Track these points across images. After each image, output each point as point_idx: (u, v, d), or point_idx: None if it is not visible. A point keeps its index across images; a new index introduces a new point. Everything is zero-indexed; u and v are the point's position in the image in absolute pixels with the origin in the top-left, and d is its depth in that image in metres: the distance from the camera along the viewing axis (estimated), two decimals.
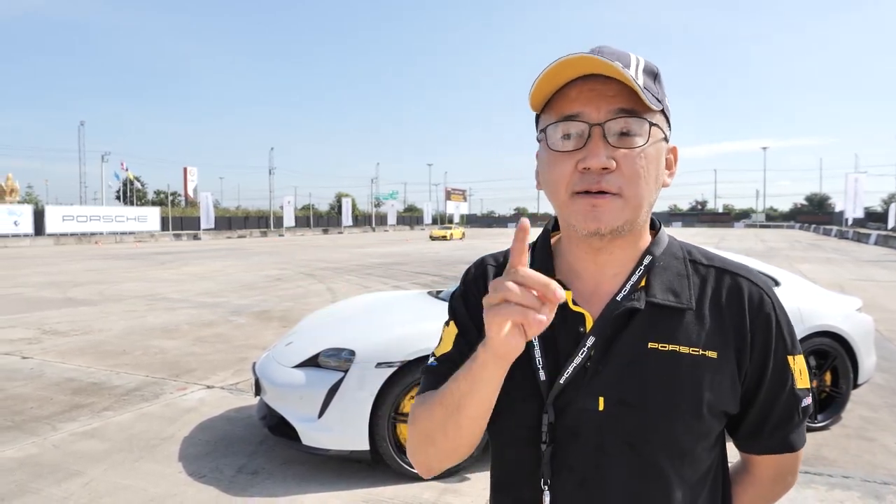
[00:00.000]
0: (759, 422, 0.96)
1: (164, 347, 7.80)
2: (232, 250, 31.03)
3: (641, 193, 0.88)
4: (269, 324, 9.47)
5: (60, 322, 9.65)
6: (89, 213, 47.64)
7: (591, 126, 0.86)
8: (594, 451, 0.89)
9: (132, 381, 6.19)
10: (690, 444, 0.89)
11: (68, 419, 5.07)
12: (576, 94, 0.88)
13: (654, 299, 0.91)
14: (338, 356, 3.94)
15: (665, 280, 0.93)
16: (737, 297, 0.93)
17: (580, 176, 0.87)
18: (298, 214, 74.64)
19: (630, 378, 0.88)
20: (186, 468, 4.08)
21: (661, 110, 0.90)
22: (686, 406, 0.88)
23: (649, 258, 0.94)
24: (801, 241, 38.22)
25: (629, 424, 0.88)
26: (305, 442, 3.84)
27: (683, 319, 0.91)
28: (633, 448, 0.88)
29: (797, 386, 0.95)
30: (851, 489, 3.76)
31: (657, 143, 0.90)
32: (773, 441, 0.97)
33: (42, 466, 4.12)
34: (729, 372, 0.90)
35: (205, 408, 5.33)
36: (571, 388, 0.89)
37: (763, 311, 0.93)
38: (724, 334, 0.91)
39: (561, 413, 0.90)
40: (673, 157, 0.97)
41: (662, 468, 0.88)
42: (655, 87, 0.90)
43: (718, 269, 0.96)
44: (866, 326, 5.07)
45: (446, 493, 3.72)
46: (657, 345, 0.89)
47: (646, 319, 0.90)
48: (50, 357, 7.28)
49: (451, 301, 1.07)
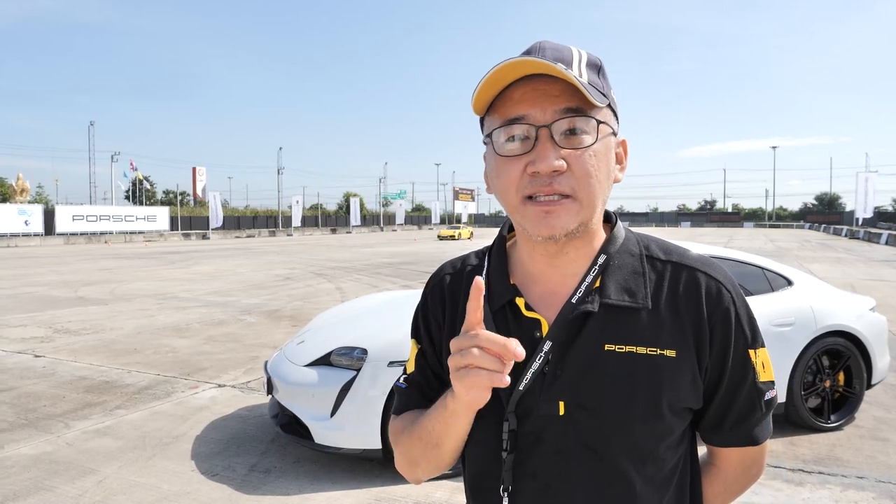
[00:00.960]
0: (720, 415, 0.95)
1: (175, 346, 7.84)
2: (241, 250, 31.14)
3: (594, 193, 0.86)
4: (280, 323, 9.50)
5: (72, 321, 9.71)
6: (99, 212, 47.95)
7: (537, 128, 0.84)
8: (557, 456, 0.89)
9: (144, 380, 6.22)
10: (652, 444, 0.88)
11: (81, 417, 5.10)
12: (519, 95, 0.85)
13: (608, 300, 0.89)
14: (350, 355, 3.95)
15: (619, 279, 0.91)
16: (694, 293, 0.91)
17: (530, 179, 0.85)
18: (307, 214, 74.88)
19: (588, 381, 0.88)
20: (199, 466, 4.10)
21: (607, 105, 0.88)
22: (645, 407, 0.87)
23: (604, 257, 0.92)
24: (811, 241, 37.99)
25: (589, 428, 0.87)
26: (318, 440, 3.85)
27: (640, 319, 0.89)
28: (595, 452, 0.88)
29: (759, 379, 0.94)
30: (866, 490, 3.74)
31: (605, 138, 0.87)
32: (735, 434, 0.96)
33: (56, 464, 4.15)
34: (689, 369, 0.89)
35: (216, 406, 5.35)
36: (531, 394, 0.89)
37: (721, 306, 0.91)
38: (682, 331, 0.89)
39: (522, 419, 0.89)
40: (623, 150, 0.94)
41: (625, 470, 0.88)
42: (600, 80, 0.88)
43: (676, 263, 0.94)
44: (880, 326, 5.04)
45: (457, 493, 3.72)
46: (614, 347, 0.88)
47: (601, 321, 0.89)
48: (62, 355, 7.33)
49: (414, 315, 1.07)
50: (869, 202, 47.35)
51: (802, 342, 4.60)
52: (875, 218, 54.14)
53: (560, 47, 0.88)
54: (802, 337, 4.59)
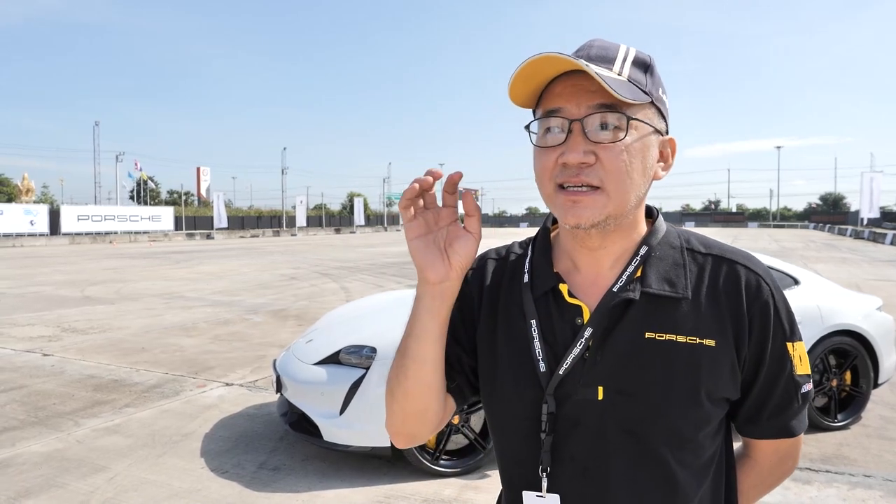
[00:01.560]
0: (757, 407, 0.97)
1: (182, 345, 7.88)
2: (245, 250, 31.21)
3: (625, 187, 0.88)
4: (286, 322, 9.53)
5: (79, 320, 9.76)
6: (104, 212, 48.05)
7: (570, 121, 0.87)
8: (595, 439, 0.90)
9: (152, 379, 6.26)
10: (690, 431, 0.90)
11: (91, 415, 5.14)
12: (560, 89, 0.89)
13: (649, 289, 0.92)
14: (359, 353, 3.97)
15: (661, 270, 0.94)
16: (734, 285, 0.93)
17: (561, 169, 0.89)
18: (310, 214, 74.92)
19: (628, 368, 0.90)
20: (209, 464, 4.12)
21: (650, 102, 0.90)
22: (684, 394, 0.89)
23: (645, 248, 0.95)
24: (816, 241, 37.89)
25: (628, 413, 0.89)
26: (327, 438, 3.88)
27: (680, 309, 0.91)
28: (633, 436, 0.89)
29: (797, 372, 0.96)
30: (873, 488, 3.75)
31: (644, 136, 0.89)
32: (772, 426, 0.98)
33: (67, 461, 4.19)
34: (728, 359, 0.91)
35: (224, 405, 5.39)
36: (570, 378, 0.91)
37: (761, 298, 0.93)
38: (721, 322, 0.91)
39: (561, 403, 0.92)
40: (670, 149, 0.96)
41: (663, 455, 0.89)
42: (645, 78, 0.90)
43: (716, 256, 0.96)
44: (887, 325, 5.04)
45: (467, 490, 3.74)
46: (654, 334, 0.90)
47: (642, 310, 0.91)
48: (70, 354, 7.38)
49: None
50: (874, 202, 47.16)
51: (809, 341, 4.61)
52: (880, 218, 53.92)
53: (608, 45, 0.91)
54: (809, 336, 4.60)
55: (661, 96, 0.93)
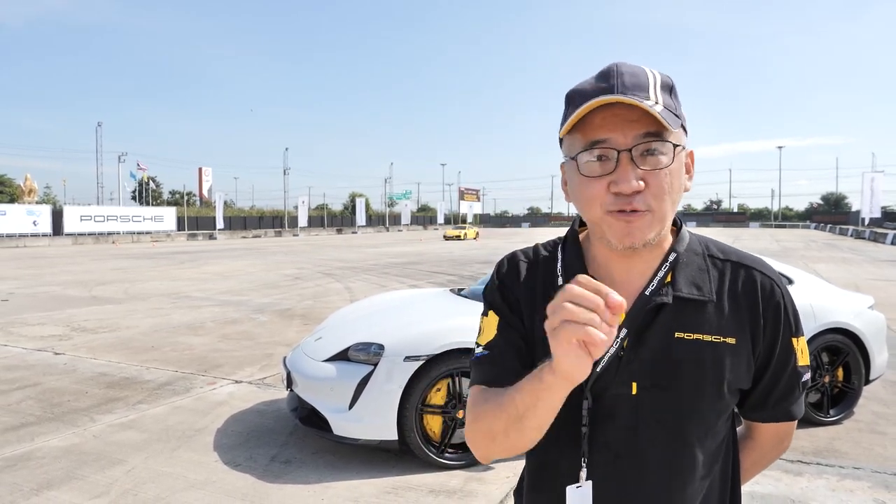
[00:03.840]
0: (765, 395, 1.09)
1: (191, 344, 8.04)
2: (248, 250, 31.37)
3: (667, 206, 0.97)
4: (292, 321, 9.69)
5: (88, 319, 9.92)
6: (106, 213, 48.27)
7: (619, 152, 0.94)
8: (628, 429, 1.02)
9: (163, 376, 6.41)
10: (714, 419, 1.03)
11: (105, 411, 5.29)
12: (600, 120, 0.94)
13: (680, 293, 1.02)
14: (367, 350, 4.12)
15: (688, 275, 1.04)
16: (752, 289, 1.04)
17: (613, 198, 0.95)
18: (312, 214, 75.08)
19: (661, 365, 1.00)
20: (222, 457, 4.28)
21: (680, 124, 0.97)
22: (710, 387, 1.01)
23: (674, 255, 1.05)
24: (817, 241, 37.97)
25: (660, 406, 1.01)
26: (336, 432, 4.03)
27: (706, 310, 1.02)
28: (663, 425, 1.01)
29: (799, 363, 1.09)
30: (862, 479, 3.89)
31: (678, 158, 0.98)
32: (776, 411, 1.11)
33: (86, 454, 4.34)
34: (745, 354, 1.03)
35: (235, 401, 5.54)
36: (606, 375, 1.01)
37: (773, 300, 1.05)
38: (740, 321, 1.03)
39: (598, 398, 1.02)
40: (690, 160, 1.05)
41: (688, 440, 1.02)
42: (672, 101, 0.97)
43: (734, 262, 1.07)
44: (878, 323, 5.18)
45: (471, 481, 3.89)
46: (683, 334, 1.01)
47: (672, 312, 1.01)
48: (81, 353, 7.53)
49: (486, 294, 1.14)
50: (875, 202, 47.25)
51: None
52: (882, 218, 54.00)
53: (636, 71, 0.96)
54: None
55: (683, 114, 1.00)
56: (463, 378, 4.10)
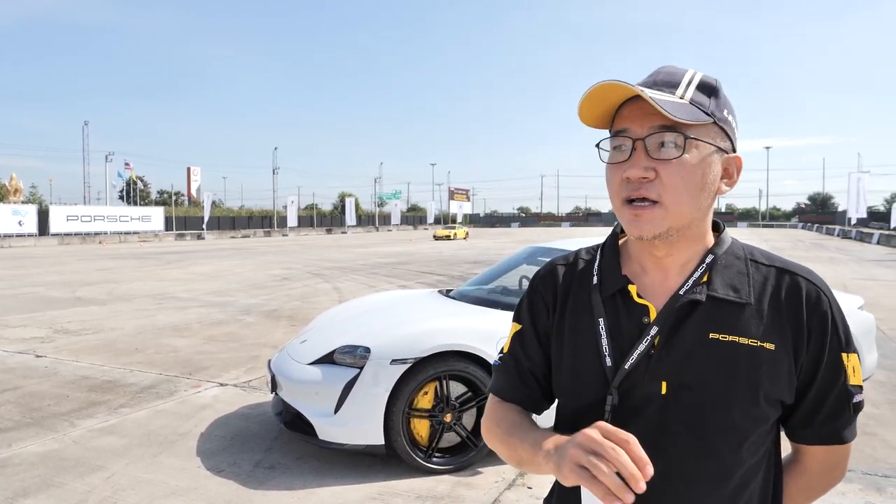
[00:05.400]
0: (811, 412, 1.02)
1: (175, 346, 7.92)
2: (237, 250, 31.17)
3: (681, 201, 0.96)
4: (279, 323, 9.58)
5: (71, 321, 9.77)
6: (93, 212, 47.86)
7: (634, 140, 0.97)
8: (655, 430, 0.97)
9: (146, 379, 6.30)
10: (747, 427, 0.97)
11: (86, 416, 5.18)
12: (627, 112, 0.99)
13: (715, 293, 0.99)
14: (353, 353, 4.05)
15: (726, 277, 1.01)
16: (795, 295, 0.99)
17: (625, 183, 0.98)
18: (302, 214, 74.82)
19: (692, 365, 0.97)
20: (205, 463, 4.19)
21: (712, 122, 0.98)
22: (744, 392, 0.95)
23: (711, 257, 1.03)
24: (804, 241, 38.24)
25: (690, 407, 0.96)
26: (321, 437, 3.95)
27: (743, 313, 0.98)
28: (692, 429, 0.96)
29: (850, 382, 1.01)
30: (853, 482, 3.86)
31: (705, 155, 0.97)
32: (823, 432, 1.03)
33: (64, 461, 4.24)
34: (786, 363, 0.97)
35: (219, 405, 5.44)
36: (635, 373, 0.99)
37: (820, 309, 0.99)
38: (782, 328, 0.98)
39: (626, 396, 0.99)
40: (735, 166, 1.03)
41: (718, 449, 0.96)
42: (709, 101, 0.98)
43: (779, 268, 1.03)
44: (867, 324, 5.17)
45: (459, 486, 3.83)
46: (718, 335, 0.97)
47: (707, 312, 0.99)
48: (63, 355, 7.40)
49: (520, 301, 1.20)
50: (861, 202, 47.60)
51: None
52: (868, 218, 54.46)
53: (674, 71, 1.02)
54: None
55: (725, 117, 1.01)
56: (451, 381, 4.03)
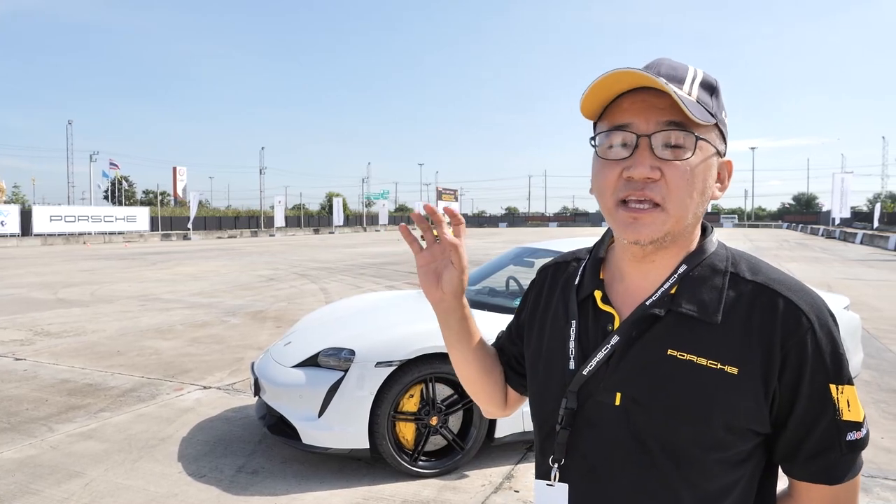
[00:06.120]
0: (794, 446, 0.93)
1: (158, 348, 7.80)
2: (223, 250, 30.92)
3: (685, 206, 0.90)
4: (264, 324, 9.48)
5: (52, 323, 9.61)
6: (77, 213, 47.25)
7: (638, 136, 0.89)
8: (607, 443, 0.94)
9: (128, 382, 6.19)
10: (699, 453, 0.90)
11: (65, 420, 5.08)
12: (628, 104, 0.90)
13: (678, 308, 0.93)
14: (337, 356, 3.98)
15: (696, 291, 0.94)
16: (770, 316, 0.90)
17: (625, 183, 0.91)
18: (289, 214, 74.42)
19: (644, 379, 0.92)
20: (186, 468, 4.10)
21: (714, 124, 0.92)
22: (693, 414, 0.89)
23: (684, 267, 0.96)
24: (789, 241, 38.53)
25: (640, 423, 0.92)
26: (305, 441, 3.88)
27: (706, 332, 0.91)
28: (644, 447, 0.92)
29: (842, 417, 0.90)
30: None
31: (707, 157, 0.92)
32: (808, 469, 0.93)
33: (41, 467, 4.14)
34: (752, 389, 0.88)
35: (202, 408, 5.35)
36: (593, 381, 0.96)
37: (798, 334, 0.89)
38: (749, 352, 0.89)
39: (583, 403, 0.97)
40: (727, 171, 0.98)
41: (667, 471, 0.91)
42: (711, 101, 0.93)
43: (760, 285, 0.93)
44: (853, 324, 5.17)
45: (445, 490, 3.77)
46: (676, 352, 0.91)
47: (669, 327, 0.93)
48: (43, 358, 7.27)
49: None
50: (845, 202, 48.05)
51: None
52: (851, 218, 55.00)
53: (677, 66, 0.94)
54: None
55: (723, 119, 0.95)
56: (437, 383, 3.97)
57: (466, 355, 1.17)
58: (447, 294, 1.09)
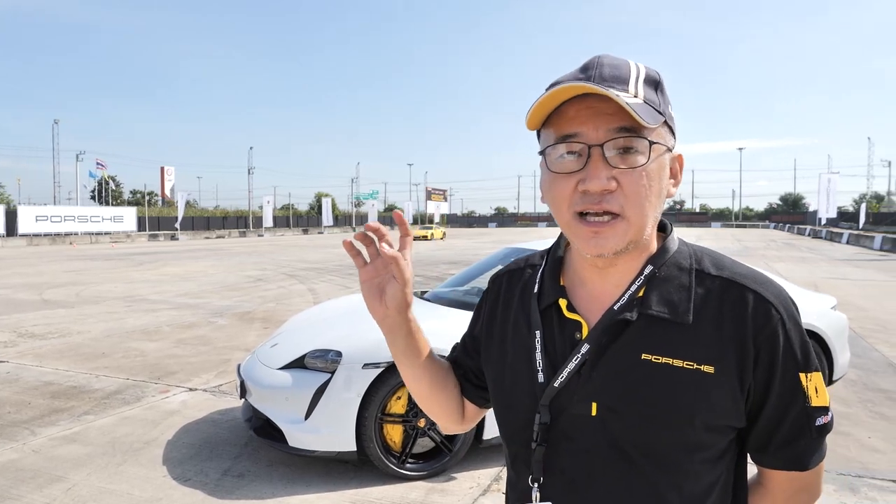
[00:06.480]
0: (766, 436, 0.93)
1: (144, 350, 7.72)
2: (211, 251, 30.73)
3: (645, 212, 0.87)
4: (252, 325, 9.41)
5: (37, 324, 9.50)
6: (64, 213, 46.87)
7: (590, 147, 0.85)
8: (586, 455, 0.91)
9: (112, 385, 6.12)
10: (681, 455, 0.88)
11: (48, 423, 5.00)
12: (574, 112, 0.86)
13: (648, 311, 0.90)
14: (324, 357, 3.94)
15: (663, 292, 0.92)
16: (740, 311, 0.89)
17: (581, 196, 0.86)
18: (278, 214, 74.17)
19: (620, 386, 0.89)
20: (171, 472, 4.05)
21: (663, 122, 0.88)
22: (675, 418, 0.87)
23: (650, 269, 0.93)
24: (777, 241, 38.82)
25: (618, 431, 0.89)
26: (292, 443, 3.84)
27: (679, 332, 0.89)
28: (624, 455, 0.89)
29: (811, 404, 0.91)
30: (827, 482, 3.85)
31: (659, 157, 0.88)
32: (781, 456, 0.93)
33: (23, 472, 4.07)
34: (728, 387, 0.87)
35: (188, 410, 5.30)
36: (566, 392, 0.92)
37: (769, 326, 0.88)
38: (723, 349, 0.88)
39: (557, 416, 0.92)
40: (678, 165, 0.95)
41: (651, 477, 0.88)
42: (657, 97, 0.88)
43: (726, 280, 0.91)
44: (841, 324, 5.19)
45: (432, 493, 3.75)
46: (651, 356, 0.89)
47: (640, 331, 0.90)
48: (26, 360, 7.17)
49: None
50: (831, 202, 48.45)
51: None
52: (837, 218, 55.49)
53: (618, 63, 0.89)
54: None
55: (670, 113, 0.91)
56: None
57: (416, 371, 1.11)
58: (391, 310, 1.01)
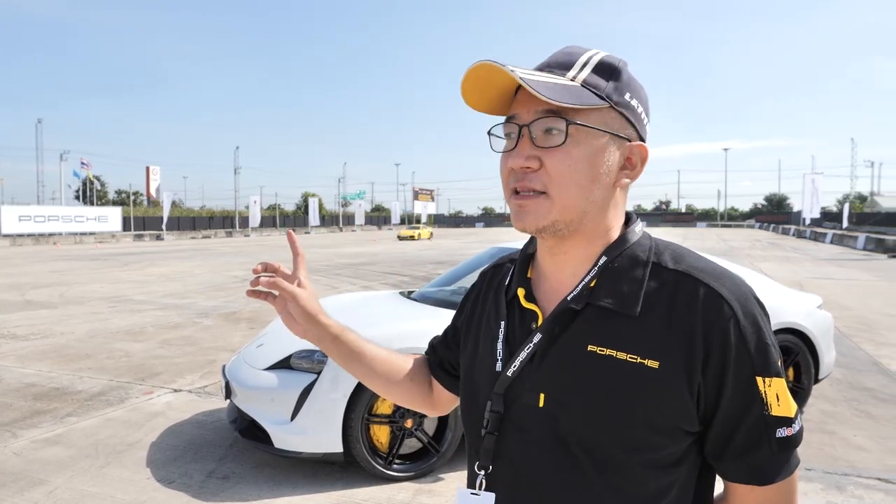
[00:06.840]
0: (721, 444, 0.87)
1: (128, 350, 7.63)
2: (197, 251, 30.50)
3: (568, 192, 0.87)
4: (237, 325, 9.34)
5: (19, 325, 9.36)
6: (47, 213, 46.41)
7: (520, 127, 0.89)
8: (533, 445, 0.90)
9: (96, 386, 6.04)
10: (624, 456, 0.85)
11: (30, 426, 4.93)
12: (519, 96, 0.91)
13: (596, 302, 0.89)
14: (310, 358, 3.91)
15: (615, 283, 0.90)
16: (691, 305, 0.85)
17: (511, 173, 0.91)
18: (264, 214, 73.80)
19: (564, 377, 0.89)
20: (155, 474, 4.00)
21: (608, 107, 0.88)
22: (615, 413, 0.85)
23: (604, 259, 0.93)
24: (761, 241, 39.15)
25: (565, 424, 0.88)
26: (277, 445, 3.80)
27: (625, 325, 0.87)
28: (566, 448, 0.88)
29: (771, 413, 0.85)
30: (814, 481, 3.87)
31: (595, 142, 0.88)
32: (737, 468, 0.87)
33: (3, 475, 4.00)
34: (675, 384, 0.84)
35: (172, 412, 5.23)
36: (518, 382, 0.92)
37: (721, 322, 0.84)
38: (670, 344, 0.84)
39: (510, 405, 0.93)
40: (639, 156, 0.93)
41: (591, 474, 0.86)
42: (607, 84, 0.88)
43: (682, 273, 0.89)
44: (826, 323, 5.23)
45: (420, 494, 3.72)
46: (596, 348, 0.87)
47: (589, 321, 0.89)
48: (8, 362, 7.06)
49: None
50: (815, 203, 48.84)
51: None
52: (821, 218, 55.99)
53: (572, 52, 0.93)
54: None
55: (626, 101, 0.90)
56: None
57: (364, 371, 1.17)
58: (305, 324, 1.12)
